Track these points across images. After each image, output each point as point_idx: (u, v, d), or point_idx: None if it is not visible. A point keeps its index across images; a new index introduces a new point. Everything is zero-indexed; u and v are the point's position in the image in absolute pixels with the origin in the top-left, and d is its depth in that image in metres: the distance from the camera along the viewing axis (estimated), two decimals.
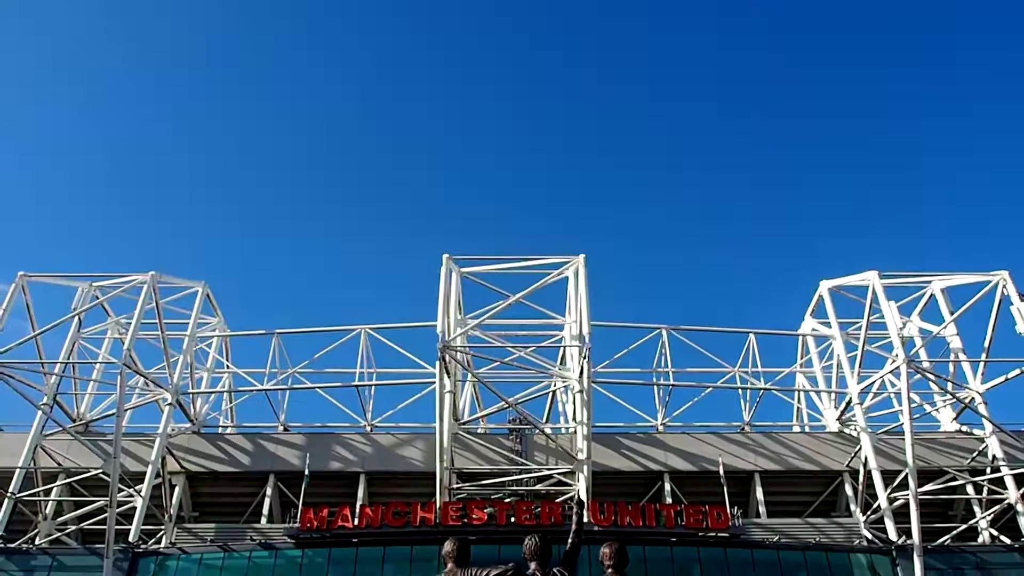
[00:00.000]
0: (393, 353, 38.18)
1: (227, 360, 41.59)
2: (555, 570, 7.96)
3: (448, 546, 8.14)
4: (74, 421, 35.76)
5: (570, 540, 8.36)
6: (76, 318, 35.94)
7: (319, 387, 38.41)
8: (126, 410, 33.85)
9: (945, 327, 36.30)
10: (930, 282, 37.02)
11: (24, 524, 32.87)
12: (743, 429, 38.46)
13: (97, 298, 36.77)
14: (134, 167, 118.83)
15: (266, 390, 38.50)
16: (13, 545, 31.16)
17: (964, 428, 36.63)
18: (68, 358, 35.31)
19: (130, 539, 30.97)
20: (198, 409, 38.66)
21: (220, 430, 39.93)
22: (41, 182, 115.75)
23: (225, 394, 40.87)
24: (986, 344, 34.59)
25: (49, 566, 30.62)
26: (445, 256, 34.56)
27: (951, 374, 36.43)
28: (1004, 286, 34.01)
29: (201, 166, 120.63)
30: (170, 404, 34.19)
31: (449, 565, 8.00)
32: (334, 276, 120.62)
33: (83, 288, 36.78)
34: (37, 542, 31.85)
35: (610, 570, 8.12)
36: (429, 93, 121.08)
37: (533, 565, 8.00)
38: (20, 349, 33.00)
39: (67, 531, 32.98)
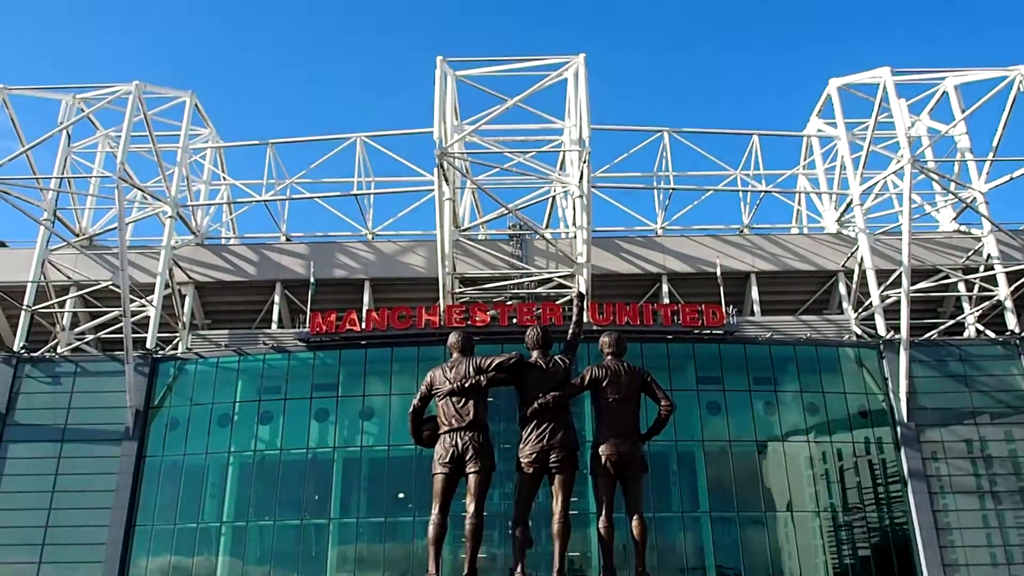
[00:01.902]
0: (391, 161, 37.89)
1: (223, 172, 41.23)
2: (556, 358, 8.24)
3: (453, 338, 8.42)
4: (77, 236, 36.01)
5: (571, 331, 8.60)
6: (64, 132, 35.20)
7: (318, 196, 38.30)
8: (128, 224, 34.02)
9: (954, 126, 35.49)
10: (944, 79, 35.74)
11: (43, 335, 34.07)
12: (742, 231, 38.77)
13: (83, 111, 35.78)
14: None
15: (265, 201, 38.43)
16: (36, 354, 32.47)
17: (963, 228, 36.86)
18: (62, 173, 34.95)
19: (147, 346, 32.21)
20: (199, 221, 38.81)
21: (223, 241, 40.32)
22: None
23: (224, 206, 40.83)
24: (994, 143, 33.99)
25: (74, 372, 32.12)
26: (439, 59, 33.16)
27: (955, 174, 36.11)
28: (1020, 82, 32.81)
29: None
30: (171, 217, 34.26)
31: (454, 355, 8.28)
32: (325, 83, 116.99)
33: (67, 101, 35.71)
34: (58, 351, 33.13)
35: (609, 357, 8.39)
36: None
37: (535, 354, 8.28)
38: (12, 165, 32.64)
39: (86, 340, 34.21)
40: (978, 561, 28.94)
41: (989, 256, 33.88)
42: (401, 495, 29.86)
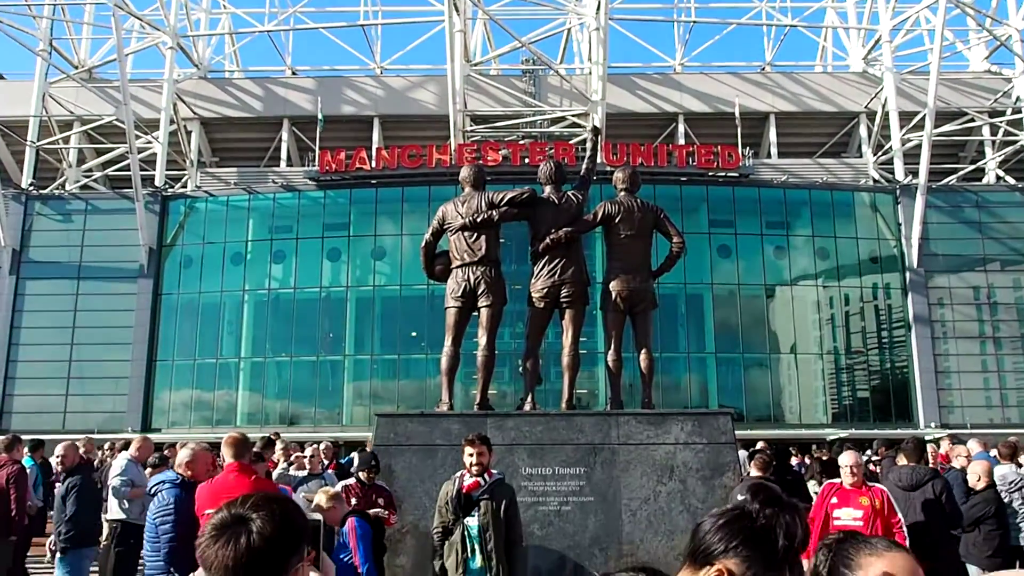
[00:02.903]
0: None
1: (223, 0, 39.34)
2: (569, 193, 8.04)
3: (465, 172, 8.25)
4: (76, 68, 34.91)
5: (584, 166, 8.37)
6: None
7: (323, 27, 36.70)
8: (127, 55, 32.84)
9: None
10: None
11: (51, 172, 33.79)
12: (763, 69, 37.27)
13: None
14: None
15: (268, 31, 36.88)
16: (46, 191, 32.37)
17: (993, 68, 35.32)
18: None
19: (156, 184, 32.00)
20: (201, 53, 37.45)
21: (227, 75, 39.08)
22: None
23: (226, 36, 39.21)
24: None
25: (84, 210, 32.13)
26: None
27: (992, 9, 34.11)
28: None
29: None
30: (171, 48, 33.00)
31: (467, 189, 8.11)
32: None
33: None
34: (67, 188, 32.98)
35: (623, 193, 8.19)
36: None
37: (548, 189, 8.08)
38: None
39: (93, 177, 33.98)
40: (973, 403, 29.83)
41: (1018, 99, 32.66)
42: (413, 334, 30.56)
